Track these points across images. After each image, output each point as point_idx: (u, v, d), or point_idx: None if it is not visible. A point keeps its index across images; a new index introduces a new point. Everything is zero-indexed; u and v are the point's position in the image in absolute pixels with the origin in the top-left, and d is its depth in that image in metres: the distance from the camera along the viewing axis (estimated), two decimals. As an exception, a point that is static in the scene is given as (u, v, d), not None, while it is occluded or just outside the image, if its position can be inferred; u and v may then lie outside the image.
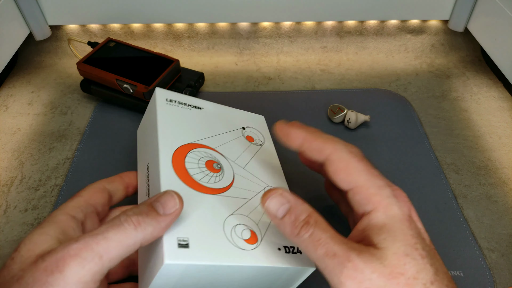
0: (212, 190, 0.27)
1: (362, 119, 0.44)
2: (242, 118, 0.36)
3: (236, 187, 0.29)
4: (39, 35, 0.54)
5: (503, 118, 0.47)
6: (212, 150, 0.31)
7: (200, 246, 0.23)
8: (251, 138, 0.34)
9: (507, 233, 0.36)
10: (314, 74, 0.54)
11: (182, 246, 0.23)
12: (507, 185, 0.40)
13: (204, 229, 0.24)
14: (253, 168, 0.31)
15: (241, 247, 0.25)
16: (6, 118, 0.47)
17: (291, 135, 0.27)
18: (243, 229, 0.26)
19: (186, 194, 0.26)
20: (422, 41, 0.57)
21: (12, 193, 0.39)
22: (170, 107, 0.32)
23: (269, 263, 0.25)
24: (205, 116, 0.34)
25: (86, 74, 0.46)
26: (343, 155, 0.25)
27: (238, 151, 0.32)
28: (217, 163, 0.30)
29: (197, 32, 0.56)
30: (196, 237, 0.24)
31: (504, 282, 0.32)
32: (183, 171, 0.27)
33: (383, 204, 0.23)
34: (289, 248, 0.26)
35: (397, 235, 0.22)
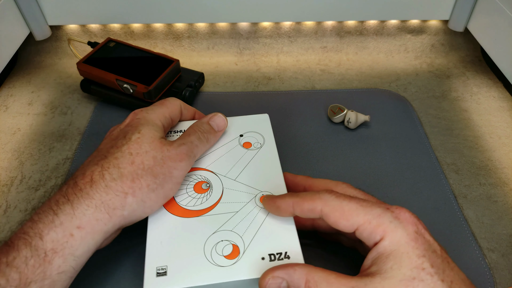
0: (197, 212, 0.30)
1: (362, 119, 0.44)
2: (241, 124, 0.37)
3: (224, 202, 0.30)
4: (39, 35, 0.54)
5: (503, 118, 0.47)
6: (202, 170, 0.33)
7: (178, 271, 0.26)
8: (248, 144, 0.35)
9: (507, 233, 0.36)
10: (314, 74, 0.54)
11: (160, 275, 0.26)
12: (507, 185, 0.40)
13: (183, 254, 0.27)
14: (246, 177, 0.32)
15: (220, 264, 0.26)
16: (6, 118, 0.47)
17: (281, 207, 0.28)
18: (224, 245, 0.27)
19: (170, 222, 0.29)
20: (422, 41, 0.57)
21: (12, 193, 0.39)
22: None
23: (248, 276, 0.26)
24: None
25: (86, 74, 0.46)
26: (333, 203, 0.25)
27: (230, 164, 0.33)
28: (206, 183, 0.32)
29: (197, 32, 0.56)
30: (175, 263, 0.27)
31: (504, 282, 0.32)
32: (170, 200, 0.30)
33: (388, 231, 0.24)
34: (274, 256, 0.27)
35: (403, 260, 0.22)
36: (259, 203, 0.30)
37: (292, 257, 0.27)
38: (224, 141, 0.35)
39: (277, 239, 0.28)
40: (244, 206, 0.30)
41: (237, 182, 0.32)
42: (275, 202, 0.28)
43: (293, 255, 0.27)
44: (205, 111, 0.47)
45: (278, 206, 0.28)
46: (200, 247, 0.27)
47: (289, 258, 0.27)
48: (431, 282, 0.22)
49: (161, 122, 0.32)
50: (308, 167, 0.41)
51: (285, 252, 0.27)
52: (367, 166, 0.41)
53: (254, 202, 0.30)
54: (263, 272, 0.25)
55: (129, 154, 0.28)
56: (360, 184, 0.39)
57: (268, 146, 0.35)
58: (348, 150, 0.43)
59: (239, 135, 0.36)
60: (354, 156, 0.42)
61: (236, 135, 0.36)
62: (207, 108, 0.47)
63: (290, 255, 0.27)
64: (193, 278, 0.26)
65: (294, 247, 0.27)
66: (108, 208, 0.26)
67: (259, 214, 0.29)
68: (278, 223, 0.29)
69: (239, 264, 0.26)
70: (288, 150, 0.43)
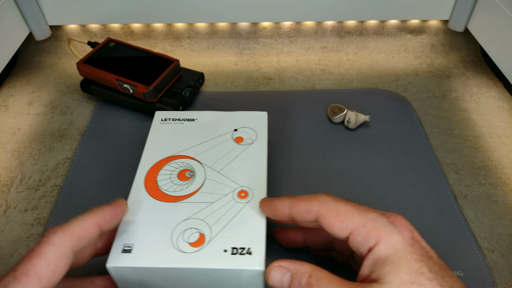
0: (175, 198, 0.30)
1: (362, 119, 0.44)
2: (238, 119, 0.37)
3: (203, 192, 0.31)
4: (39, 35, 0.54)
5: (503, 118, 0.47)
6: (190, 159, 0.34)
7: (142, 251, 0.27)
8: (240, 139, 0.35)
9: (507, 233, 0.36)
10: (314, 74, 0.54)
11: (125, 251, 0.27)
12: (507, 185, 0.40)
13: (151, 236, 0.28)
14: (229, 171, 0.33)
15: (183, 251, 0.27)
16: (6, 118, 0.47)
17: (277, 208, 0.27)
18: (192, 233, 0.28)
19: (148, 204, 0.30)
20: (422, 41, 0.57)
21: (12, 193, 0.39)
22: (162, 126, 0.36)
23: (206, 265, 0.26)
24: (196, 127, 0.36)
25: (86, 74, 0.46)
26: (330, 205, 0.25)
27: (218, 156, 0.34)
28: (191, 171, 0.33)
29: (197, 32, 0.56)
30: (141, 243, 0.27)
31: (504, 282, 0.32)
32: (153, 184, 0.31)
33: (383, 235, 0.23)
34: (237, 250, 0.27)
35: (400, 264, 0.22)
36: (237, 197, 0.31)
37: (254, 254, 0.27)
38: (217, 133, 0.36)
39: (244, 235, 0.28)
40: (221, 198, 0.31)
41: (220, 174, 0.32)
42: (272, 203, 0.28)
43: (256, 252, 0.27)
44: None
45: (275, 207, 0.27)
46: (168, 231, 0.28)
47: (251, 254, 0.27)
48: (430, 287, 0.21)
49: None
50: (308, 167, 0.41)
51: (248, 248, 0.27)
52: (367, 166, 0.41)
53: (231, 196, 0.31)
54: (222, 263, 0.26)
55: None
56: (360, 184, 0.39)
57: (259, 144, 0.35)
58: (348, 150, 0.43)
59: (234, 129, 0.36)
60: (354, 156, 0.42)
61: (231, 129, 0.36)
62: (207, 108, 0.47)
63: (252, 252, 0.27)
64: (153, 259, 0.26)
65: (259, 244, 0.28)
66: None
67: (233, 208, 0.30)
68: (249, 219, 0.29)
69: (201, 253, 0.27)
70: (288, 150, 0.43)
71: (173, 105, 0.44)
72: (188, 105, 0.48)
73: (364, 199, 0.38)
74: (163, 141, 0.35)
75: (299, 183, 0.39)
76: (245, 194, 0.31)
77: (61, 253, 0.22)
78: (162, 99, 0.45)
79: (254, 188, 0.31)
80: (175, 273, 0.27)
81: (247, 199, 0.30)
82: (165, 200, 0.30)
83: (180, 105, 0.45)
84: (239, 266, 0.26)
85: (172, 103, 0.44)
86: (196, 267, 0.26)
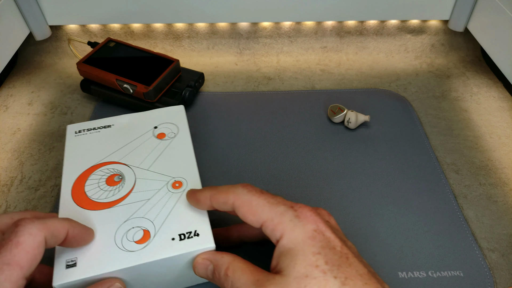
0: (108, 204, 0.30)
1: (362, 119, 0.44)
2: (156, 117, 0.38)
3: (136, 192, 0.31)
4: (39, 35, 0.54)
5: (503, 118, 0.47)
6: (115, 163, 0.33)
7: (88, 261, 0.27)
8: (162, 134, 0.36)
9: (507, 233, 0.36)
10: (314, 74, 0.54)
11: (70, 266, 0.26)
12: (507, 185, 0.40)
13: (94, 245, 0.28)
14: (159, 166, 0.33)
15: (130, 250, 0.27)
16: (6, 118, 0.47)
17: (200, 200, 0.28)
18: (135, 232, 0.28)
19: (81, 217, 0.29)
20: (422, 41, 0.57)
21: (12, 193, 0.39)
22: (78, 138, 0.36)
23: (157, 257, 0.27)
24: (114, 132, 0.36)
25: (86, 74, 0.46)
26: (244, 197, 0.26)
27: (144, 155, 0.34)
28: (119, 175, 0.32)
29: (197, 32, 0.56)
30: (85, 254, 0.27)
31: (504, 282, 0.32)
32: (81, 196, 0.31)
33: (287, 229, 0.24)
34: (184, 235, 0.28)
35: (298, 257, 0.23)
36: (172, 188, 0.31)
37: (202, 234, 0.28)
38: (138, 133, 0.36)
39: (187, 220, 0.29)
40: (156, 193, 0.31)
41: (150, 172, 0.33)
42: (195, 195, 0.29)
43: (203, 233, 0.28)
44: (205, 111, 0.47)
45: (198, 199, 0.28)
46: (111, 236, 0.28)
47: (199, 236, 0.28)
48: (323, 280, 0.22)
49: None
50: (308, 167, 0.41)
51: (195, 230, 0.28)
52: (367, 166, 0.41)
53: (166, 188, 0.31)
54: (172, 251, 0.27)
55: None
56: (360, 184, 0.39)
57: (181, 136, 0.36)
58: (348, 150, 0.43)
59: (153, 127, 0.37)
60: (354, 156, 0.42)
61: (150, 127, 0.37)
62: (207, 108, 0.47)
63: (199, 233, 0.28)
64: (103, 266, 0.26)
65: (204, 225, 0.29)
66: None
67: (171, 199, 0.30)
68: (189, 206, 0.30)
69: (149, 247, 0.27)
70: (288, 150, 0.43)
71: (173, 105, 0.44)
72: (188, 105, 0.48)
73: (364, 199, 0.38)
74: (82, 152, 0.34)
75: (299, 183, 0.39)
76: (179, 184, 0.31)
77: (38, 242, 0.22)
78: (162, 99, 0.45)
79: (187, 177, 0.32)
80: (129, 274, 0.27)
81: (182, 188, 0.31)
82: (98, 208, 0.30)
83: (180, 105, 0.45)
84: (190, 249, 0.27)
85: (172, 103, 0.44)
86: (148, 261, 0.27)
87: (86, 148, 0.35)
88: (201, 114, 0.47)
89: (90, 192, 0.31)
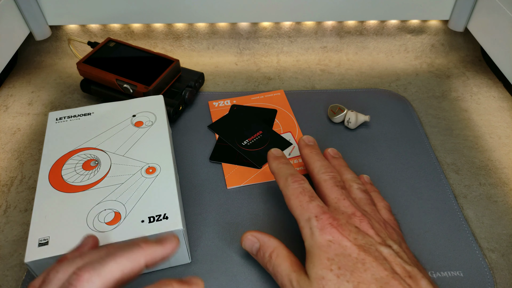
0: (83, 187, 0.32)
1: (362, 119, 0.44)
2: (135, 106, 0.39)
3: (111, 176, 0.33)
4: (39, 35, 0.54)
5: (503, 118, 0.47)
6: (93, 149, 0.35)
7: (60, 240, 0.28)
8: (140, 123, 0.37)
9: (507, 233, 0.36)
10: (314, 74, 0.54)
11: (42, 245, 0.28)
12: (507, 185, 0.40)
13: (66, 225, 0.29)
14: (134, 152, 0.35)
15: (101, 230, 0.29)
16: (6, 118, 0.47)
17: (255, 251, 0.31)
18: (107, 214, 0.30)
19: (56, 198, 0.31)
20: (422, 41, 0.57)
21: (12, 193, 0.39)
22: (58, 125, 0.37)
23: (125, 237, 0.28)
24: (94, 120, 0.38)
25: (86, 74, 0.46)
26: (287, 191, 0.30)
27: (121, 141, 0.36)
28: (95, 160, 0.34)
29: (197, 32, 0.56)
30: (57, 234, 0.29)
31: (504, 282, 0.32)
32: (58, 179, 0.33)
33: (307, 235, 0.28)
34: (154, 218, 0.30)
35: (315, 260, 0.26)
36: (145, 174, 0.33)
37: (171, 217, 0.30)
38: (116, 121, 0.37)
39: (158, 204, 0.30)
40: (130, 177, 0.32)
41: (126, 157, 0.34)
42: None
43: (172, 215, 0.30)
44: (205, 111, 0.47)
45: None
46: (83, 217, 0.30)
47: (168, 219, 0.30)
48: (336, 283, 0.25)
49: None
50: (308, 167, 0.41)
51: (164, 214, 0.30)
52: (367, 166, 0.41)
53: (140, 174, 0.33)
54: (141, 232, 0.29)
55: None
56: (360, 184, 0.39)
57: (159, 124, 0.37)
58: (348, 150, 0.43)
59: (132, 115, 0.38)
60: (354, 156, 0.42)
61: (129, 115, 0.38)
62: (207, 108, 0.47)
63: (168, 216, 0.30)
64: (73, 245, 0.27)
65: (173, 208, 0.30)
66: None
67: (144, 184, 0.32)
68: (160, 190, 0.31)
69: (119, 228, 0.29)
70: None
71: (173, 105, 0.44)
72: (188, 105, 0.48)
73: (364, 199, 0.38)
74: (62, 138, 0.36)
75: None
76: (153, 170, 0.33)
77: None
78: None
79: (161, 163, 0.34)
80: None
81: (155, 174, 0.33)
82: (73, 191, 0.32)
83: (180, 105, 0.45)
84: (158, 230, 0.29)
85: (172, 103, 0.44)
86: (116, 242, 0.28)
87: (66, 135, 0.36)
88: (201, 114, 0.47)
89: (66, 175, 0.33)
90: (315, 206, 0.29)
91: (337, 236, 0.27)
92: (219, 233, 0.35)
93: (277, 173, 0.32)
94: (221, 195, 0.38)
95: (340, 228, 0.27)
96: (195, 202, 0.37)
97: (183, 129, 0.45)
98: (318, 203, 0.29)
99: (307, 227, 0.28)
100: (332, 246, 0.26)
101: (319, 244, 0.27)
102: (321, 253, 0.26)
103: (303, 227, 0.28)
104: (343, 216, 0.28)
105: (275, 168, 0.33)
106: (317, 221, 0.28)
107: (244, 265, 0.33)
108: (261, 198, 0.38)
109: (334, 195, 0.30)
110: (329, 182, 0.31)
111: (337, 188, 0.31)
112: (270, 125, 0.45)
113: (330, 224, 0.27)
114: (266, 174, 0.40)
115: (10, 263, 0.34)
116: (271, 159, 0.34)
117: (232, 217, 0.36)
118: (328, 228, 0.27)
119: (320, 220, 0.28)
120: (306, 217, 0.28)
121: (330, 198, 0.30)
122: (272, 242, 0.30)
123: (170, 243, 0.25)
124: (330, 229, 0.27)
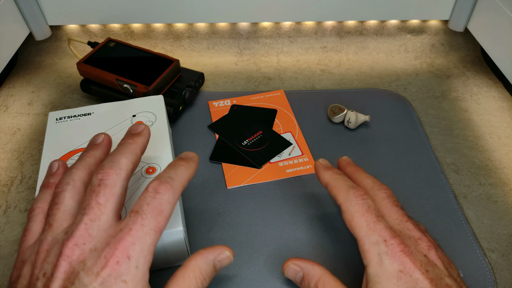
0: None
1: (362, 119, 0.44)
2: (135, 106, 0.39)
3: None
4: (39, 35, 0.54)
5: (503, 118, 0.47)
6: None
7: None
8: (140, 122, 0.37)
9: (507, 233, 0.36)
10: (314, 74, 0.54)
11: None
12: (507, 185, 0.40)
13: None
14: None
15: None
16: (6, 118, 0.47)
17: (318, 172, 0.32)
18: None
19: None
20: (422, 41, 0.57)
21: (12, 193, 0.39)
22: (58, 126, 0.37)
23: None
24: (94, 120, 0.37)
25: (86, 74, 0.46)
26: (350, 208, 0.27)
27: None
28: None
29: (197, 32, 0.56)
30: None
31: (505, 282, 0.32)
32: None
33: (373, 261, 0.25)
34: None
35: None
36: (145, 173, 0.33)
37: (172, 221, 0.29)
38: (117, 121, 0.37)
39: None
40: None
41: None
42: (318, 167, 0.32)
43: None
44: (205, 111, 0.47)
45: (317, 169, 0.31)
46: None
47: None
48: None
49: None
50: (308, 167, 0.41)
51: None
52: (367, 166, 0.41)
53: (140, 174, 0.33)
54: None
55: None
56: (360, 184, 0.39)
57: (159, 124, 0.37)
58: (348, 150, 0.43)
59: (132, 115, 0.38)
60: (354, 156, 0.42)
61: (129, 115, 0.38)
62: (207, 108, 0.47)
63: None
64: None
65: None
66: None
67: (144, 183, 0.32)
68: None
69: None
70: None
71: (173, 105, 0.44)
72: (188, 105, 0.48)
73: (364, 199, 0.38)
74: (62, 138, 0.36)
75: (299, 182, 0.39)
76: (153, 170, 0.33)
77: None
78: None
79: (161, 163, 0.33)
80: None
81: (155, 174, 0.32)
82: None
83: (180, 105, 0.45)
84: None
85: (172, 103, 0.44)
86: None
87: (66, 135, 0.36)
88: (201, 114, 0.47)
89: None
90: (384, 228, 0.26)
91: (409, 267, 0.24)
92: (219, 233, 0.35)
93: (334, 185, 0.29)
94: (221, 195, 0.38)
95: (411, 257, 0.25)
96: (195, 202, 0.37)
97: (183, 129, 0.45)
98: (386, 225, 0.26)
99: (374, 251, 0.25)
100: (402, 278, 0.24)
101: (388, 275, 0.24)
102: (390, 285, 0.24)
103: (368, 250, 0.25)
104: (410, 241, 0.26)
105: (330, 179, 0.30)
106: (386, 247, 0.25)
107: (244, 265, 0.33)
108: (261, 198, 0.38)
109: (395, 216, 0.28)
110: (387, 201, 0.29)
111: (397, 208, 0.28)
112: (270, 125, 0.45)
113: (401, 251, 0.25)
114: (266, 174, 0.40)
115: (10, 263, 0.34)
116: (322, 170, 0.31)
117: (232, 217, 0.36)
118: (399, 256, 0.25)
119: (391, 245, 0.25)
120: (374, 240, 0.25)
121: (391, 219, 0.27)
122: (316, 270, 0.27)
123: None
124: (402, 257, 0.25)
